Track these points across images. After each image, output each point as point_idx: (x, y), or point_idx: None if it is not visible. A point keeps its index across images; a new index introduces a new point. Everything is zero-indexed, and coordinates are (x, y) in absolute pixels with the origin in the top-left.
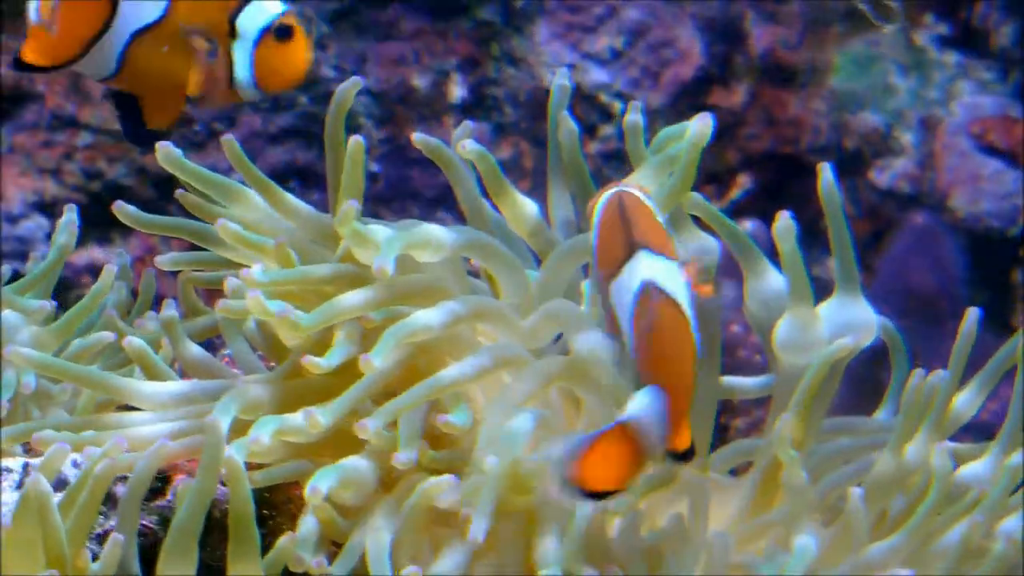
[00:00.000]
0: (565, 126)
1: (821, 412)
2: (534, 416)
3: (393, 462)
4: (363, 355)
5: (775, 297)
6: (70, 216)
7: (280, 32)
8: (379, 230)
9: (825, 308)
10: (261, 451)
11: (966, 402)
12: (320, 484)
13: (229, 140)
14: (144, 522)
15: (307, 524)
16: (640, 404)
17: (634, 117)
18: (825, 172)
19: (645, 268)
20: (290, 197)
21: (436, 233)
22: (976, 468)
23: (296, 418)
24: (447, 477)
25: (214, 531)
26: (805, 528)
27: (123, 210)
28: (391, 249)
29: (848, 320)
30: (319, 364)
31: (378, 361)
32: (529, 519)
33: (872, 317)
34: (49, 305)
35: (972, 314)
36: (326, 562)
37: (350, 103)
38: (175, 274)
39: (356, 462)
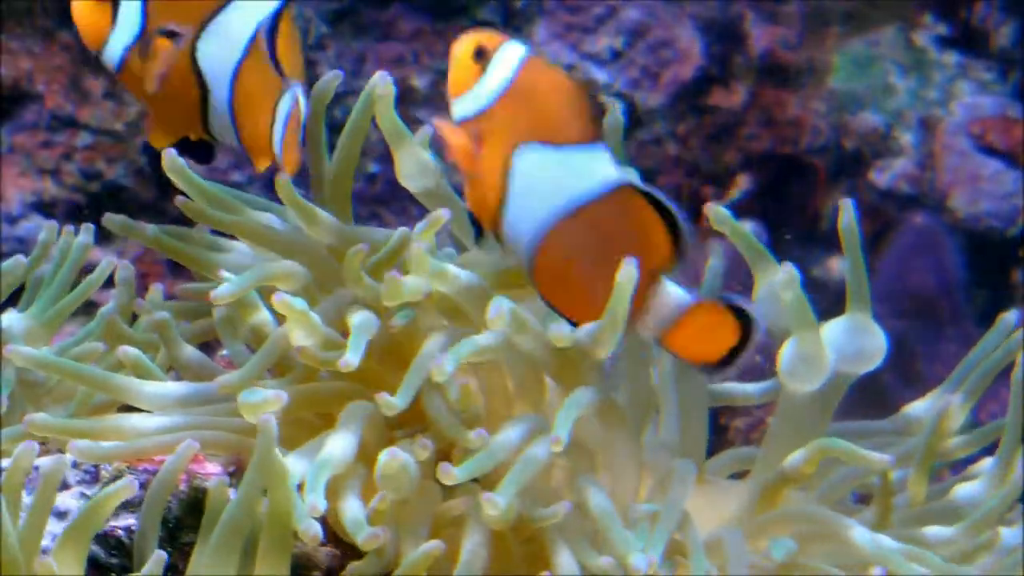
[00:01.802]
0: None
1: (827, 419)
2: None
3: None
4: (436, 361)
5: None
6: (86, 238)
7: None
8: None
9: (836, 329)
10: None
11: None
12: (396, 450)
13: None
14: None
15: (355, 506)
16: None
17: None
18: (847, 210)
19: None
20: (317, 210)
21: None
22: (970, 489)
23: (335, 454)
24: None
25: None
26: (844, 522)
27: (111, 220)
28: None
29: (859, 348)
30: (351, 363)
31: (450, 366)
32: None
33: (881, 341)
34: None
35: None
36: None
37: (329, 98)
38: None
39: (406, 454)
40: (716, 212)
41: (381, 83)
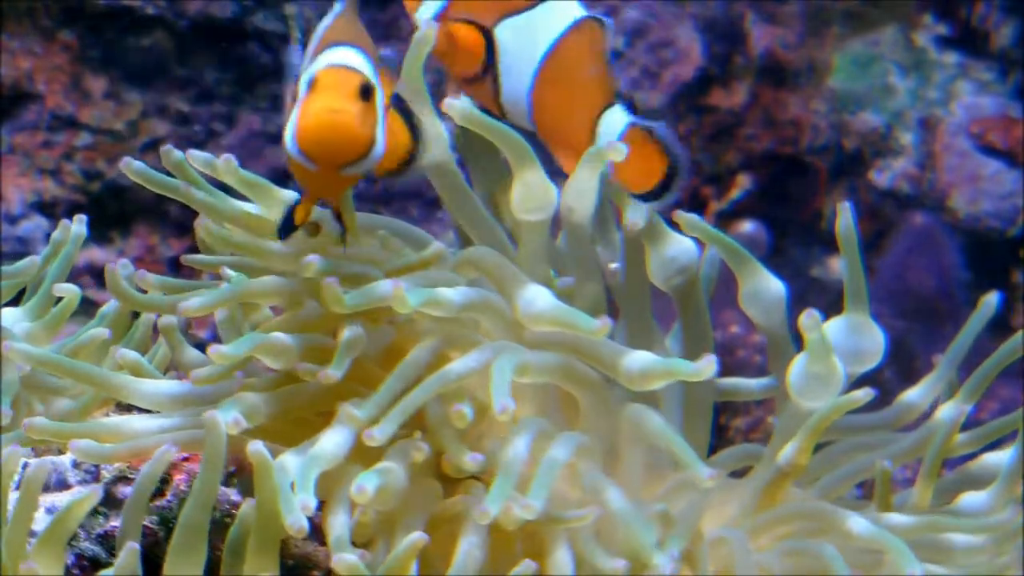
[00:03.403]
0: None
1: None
2: (532, 436)
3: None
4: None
5: (774, 300)
6: (79, 228)
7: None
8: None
9: (834, 328)
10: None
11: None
12: (367, 484)
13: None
14: (144, 523)
15: (341, 523)
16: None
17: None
18: (845, 213)
19: None
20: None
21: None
22: (976, 499)
23: (326, 450)
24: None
25: (212, 531)
26: (847, 516)
27: (129, 166)
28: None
29: (858, 347)
30: (332, 376)
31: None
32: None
33: (880, 340)
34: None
35: None
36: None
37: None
38: (176, 274)
39: (392, 466)
40: (687, 219)
41: (422, 31)
